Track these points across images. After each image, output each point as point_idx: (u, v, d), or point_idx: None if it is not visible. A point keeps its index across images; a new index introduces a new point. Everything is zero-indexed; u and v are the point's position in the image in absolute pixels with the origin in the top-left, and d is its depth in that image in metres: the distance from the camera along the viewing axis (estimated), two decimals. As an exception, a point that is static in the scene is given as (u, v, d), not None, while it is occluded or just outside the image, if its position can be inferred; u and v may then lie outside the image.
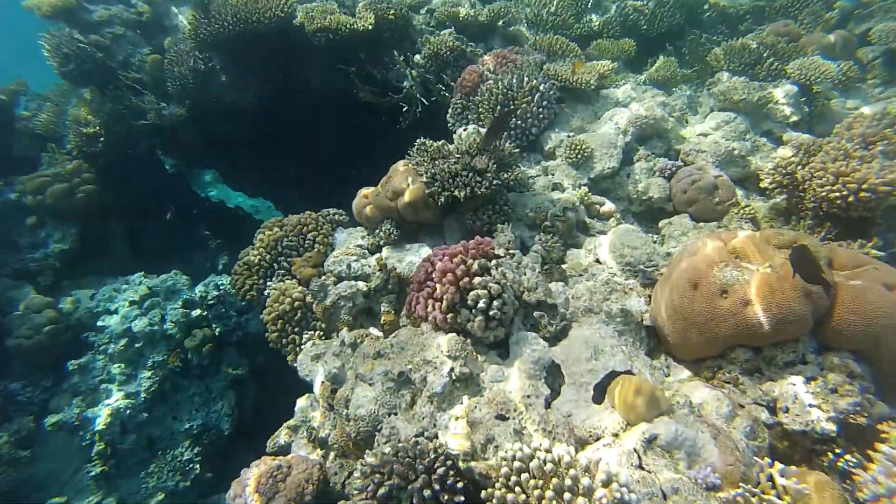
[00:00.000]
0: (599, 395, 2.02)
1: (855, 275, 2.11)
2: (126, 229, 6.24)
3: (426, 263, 2.58)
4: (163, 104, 5.93)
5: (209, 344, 5.41)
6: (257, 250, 3.80)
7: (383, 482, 1.98)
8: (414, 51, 5.28)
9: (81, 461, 4.85)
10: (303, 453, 2.60)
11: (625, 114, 4.29)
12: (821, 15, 5.47)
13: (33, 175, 5.44)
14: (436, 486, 1.93)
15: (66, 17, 5.83)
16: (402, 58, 5.10)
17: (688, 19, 6.20)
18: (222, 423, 5.36)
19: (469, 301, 2.32)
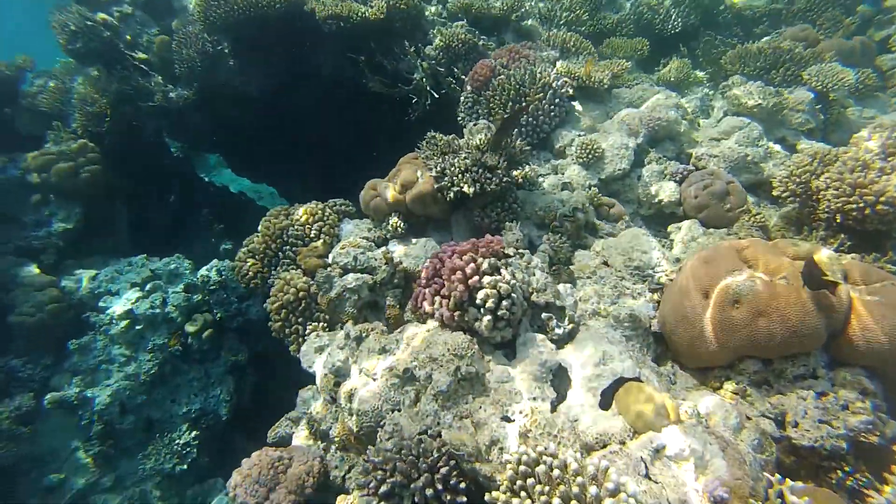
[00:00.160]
0: (606, 401, 2.01)
1: (872, 290, 2.08)
2: (129, 211, 6.20)
3: (435, 260, 2.56)
4: (170, 86, 5.87)
5: (210, 329, 5.41)
6: (262, 238, 3.78)
7: (385, 479, 1.97)
8: (425, 42, 5.21)
9: (80, 440, 4.87)
10: (304, 445, 2.60)
11: (637, 115, 4.24)
12: (841, 20, 5.38)
13: (38, 152, 5.40)
14: (438, 486, 1.92)
15: (75, -7, 5.76)
16: (414, 49, 5.02)
17: (703, 20, 6.12)
18: (220, 409, 5.37)
19: (478, 300, 2.30)
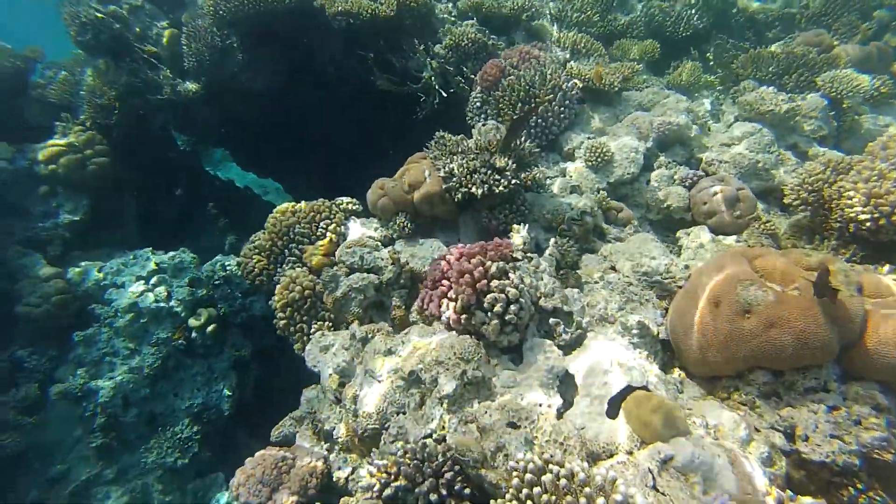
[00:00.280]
0: (614, 410, 1.99)
1: (888, 303, 2.05)
2: (138, 204, 6.21)
3: (442, 262, 2.54)
4: (178, 80, 5.86)
5: (213, 324, 5.41)
6: (268, 235, 3.77)
7: (390, 483, 1.96)
8: (435, 40, 5.17)
9: (84, 432, 4.89)
10: (307, 445, 2.59)
11: (647, 118, 4.20)
12: (857, 25, 5.30)
13: (46, 143, 5.41)
14: (443, 491, 1.92)
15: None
16: (423, 47, 5.00)
17: (715, 23, 6.06)
18: (222, 404, 5.37)
19: (485, 304, 2.29)
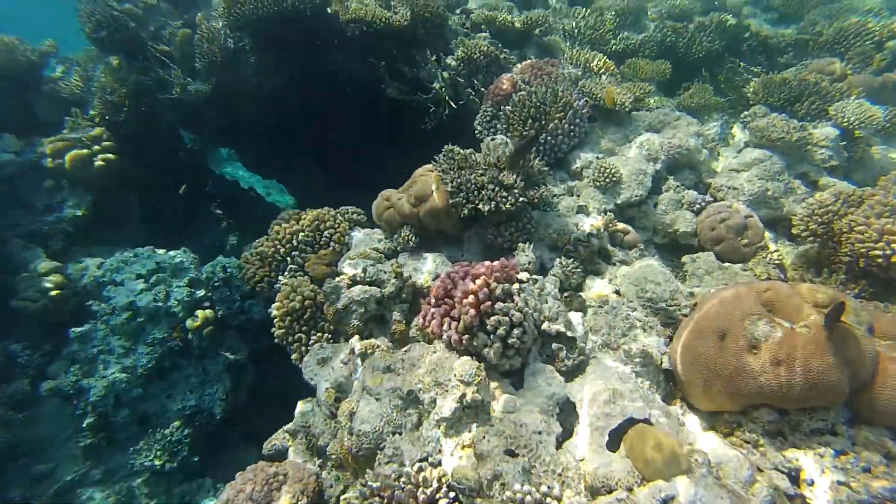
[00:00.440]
0: (614, 442, 1.95)
1: (898, 347, 2.01)
2: (140, 201, 6.20)
3: (447, 280, 2.51)
4: (189, 79, 5.88)
5: (210, 326, 5.37)
6: (271, 241, 3.74)
7: (382, 507, 1.92)
8: (447, 52, 5.18)
9: (74, 430, 4.83)
10: (300, 461, 2.54)
11: (657, 140, 4.19)
12: (871, 55, 5.29)
13: (54, 138, 5.41)
14: (436, 519, 1.87)
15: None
16: (435, 58, 5.00)
17: (727, 46, 6.06)
18: (215, 408, 5.30)
19: (488, 326, 2.25)
